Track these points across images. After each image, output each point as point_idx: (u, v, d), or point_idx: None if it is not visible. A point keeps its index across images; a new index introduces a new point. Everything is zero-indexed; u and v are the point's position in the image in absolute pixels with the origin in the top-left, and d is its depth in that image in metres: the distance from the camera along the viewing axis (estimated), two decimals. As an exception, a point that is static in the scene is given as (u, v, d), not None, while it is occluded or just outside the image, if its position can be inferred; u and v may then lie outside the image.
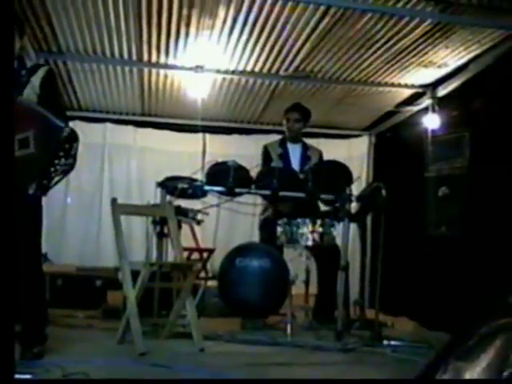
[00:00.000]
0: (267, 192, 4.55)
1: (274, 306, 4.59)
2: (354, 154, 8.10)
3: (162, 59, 6.20)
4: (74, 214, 7.31)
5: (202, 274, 5.68)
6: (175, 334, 4.14)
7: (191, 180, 4.67)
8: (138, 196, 7.39)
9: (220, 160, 4.68)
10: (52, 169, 3.12)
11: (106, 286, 5.69)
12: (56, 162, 3.12)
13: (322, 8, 5.02)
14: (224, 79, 6.68)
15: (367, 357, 3.85)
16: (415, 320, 5.27)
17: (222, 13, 5.18)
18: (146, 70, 6.50)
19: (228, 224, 7.21)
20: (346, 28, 5.37)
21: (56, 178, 3.17)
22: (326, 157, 5.70)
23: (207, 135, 7.92)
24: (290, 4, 4.97)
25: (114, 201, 4.06)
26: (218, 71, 6.47)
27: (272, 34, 5.53)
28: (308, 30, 5.42)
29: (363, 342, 4.13)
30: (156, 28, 5.50)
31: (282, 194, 4.53)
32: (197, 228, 7.24)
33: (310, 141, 6.92)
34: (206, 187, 4.59)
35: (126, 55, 6.13)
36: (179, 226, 5.09)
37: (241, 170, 4.58)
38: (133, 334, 3.65)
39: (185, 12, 5.18)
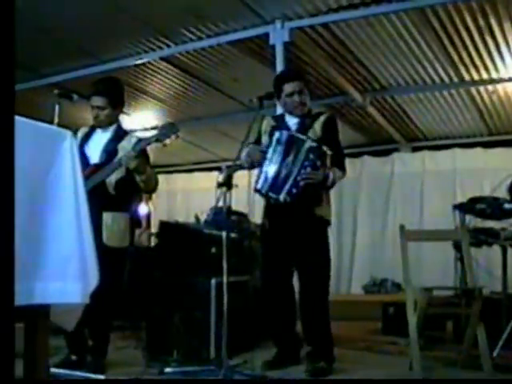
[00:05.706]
0: None
1: None
2: None
3: (484, 75, 5.94)
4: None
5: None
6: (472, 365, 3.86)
7: (493, 199, 4.35)
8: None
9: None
10: (298, 177, 3.44)
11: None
12: (302, 171, 3.43)
13: None
14: None
15: None
16: None
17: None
18: (473, 89, 6.28)
19: None
20: None
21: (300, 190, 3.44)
22: None
23: None
24: None
25: (402, 228, 4.11)
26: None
27: None
28: None
29: None
30: (462, 46, 5.36)
31: None
32: None
33: None
34: (506, 205, 4.22)
35: (446, 79, 6.08)
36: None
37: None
38: (412, 359, 3.62)
39: (482, 23, 4.95)
